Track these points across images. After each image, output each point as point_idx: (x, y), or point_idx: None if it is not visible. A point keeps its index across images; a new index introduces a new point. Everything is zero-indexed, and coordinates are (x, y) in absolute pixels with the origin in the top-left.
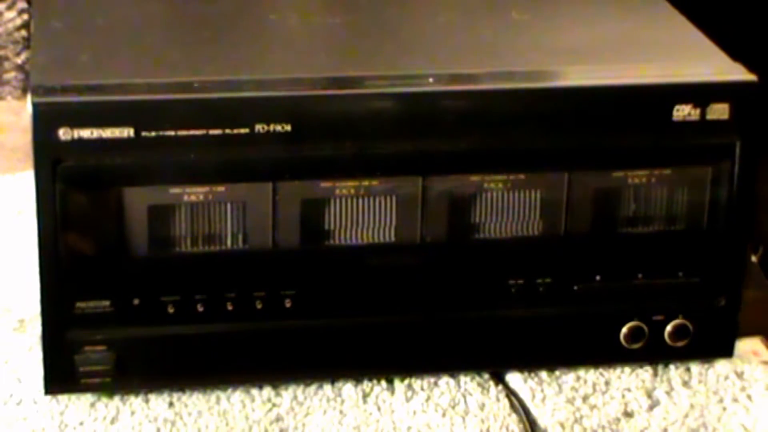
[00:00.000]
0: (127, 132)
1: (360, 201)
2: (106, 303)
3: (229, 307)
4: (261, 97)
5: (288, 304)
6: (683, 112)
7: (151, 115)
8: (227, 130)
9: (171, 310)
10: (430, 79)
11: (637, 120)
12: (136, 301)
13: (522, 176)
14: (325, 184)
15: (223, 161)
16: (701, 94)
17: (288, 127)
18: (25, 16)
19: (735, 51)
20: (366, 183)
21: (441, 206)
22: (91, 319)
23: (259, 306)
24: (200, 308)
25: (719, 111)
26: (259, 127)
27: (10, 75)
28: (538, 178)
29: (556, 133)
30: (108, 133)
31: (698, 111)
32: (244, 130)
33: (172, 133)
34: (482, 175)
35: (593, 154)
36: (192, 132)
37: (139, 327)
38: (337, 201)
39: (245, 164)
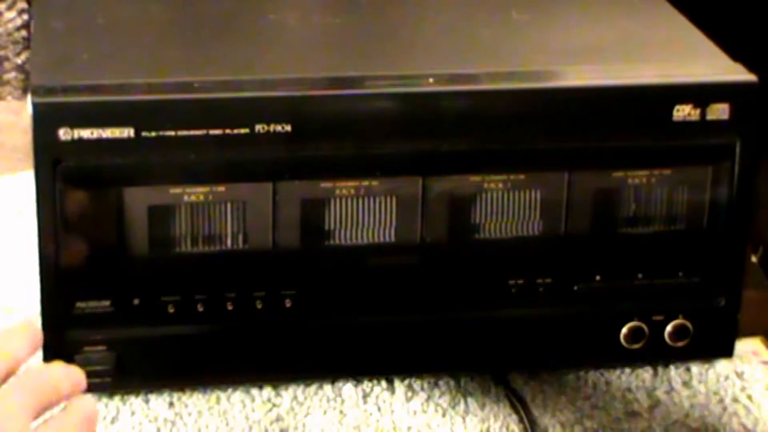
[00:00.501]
0: (127, 132)
1: (360, 201)
2: (106, 303)
3: (229, 307)
4: (261, 97)
5: (288, 304)
6: (683, 112)
7: (151, 115)
8: (227, 130)
9: (171, 310)
10: (430, 79)
11: (637, 120)
12: (136, 301)
13: (522, 176)
14: (325, 184)
15: (223, 161)
16: (701, 94)
17: (288, 127)
18: (25, 16)
19: (735, 51)
20: (366, 183)
21: (441, 206)
22: (91, 319)
23: (259, 306)
24: (200, 308)
25: (719, 111)
26: (259, 127)
27: (10, 75)
28: (538, 178)
29: (556, 133)
30: (108, 133)
31: (698, 111)
32: (244, 130)
33: (172, 133)
34: (482, 175)
35: (593, 154)
36: (192, 132)
37: (139, 327)
38: (337, 201)
39: (245, 164)
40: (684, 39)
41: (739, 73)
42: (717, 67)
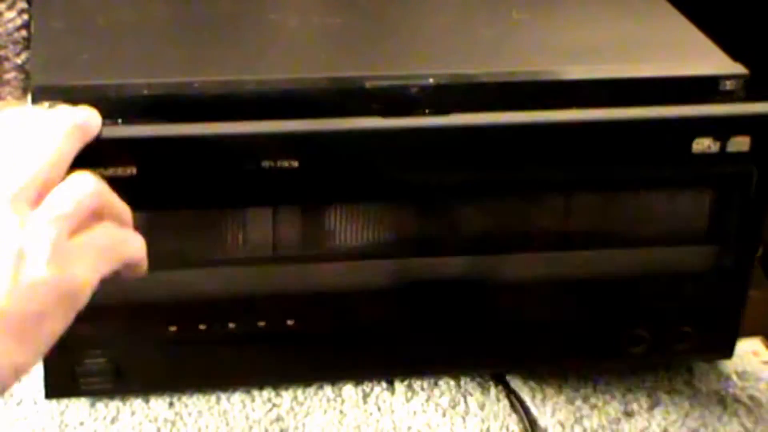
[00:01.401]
0: None
1: (362, 206)
2: (106, 307)
3: (231, 317)
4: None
5: (288, 305)
6: (703, 145)
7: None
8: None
9: (171, 317)
10: (430, 80)
11: (657, 152)
12: (136, 307)
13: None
14: (327, 187)
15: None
16: (722, 127)
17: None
18: (25, 16)
19: (735, 51)
20: (367, 186)
21: (444, 211)
22: (91, 326)
23: (259, 308)
24: (200, 315)
25: (740, 144)
26: None
27: (10, 75)
28: (542, 186)
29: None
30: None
31: (718, 144)
32: None
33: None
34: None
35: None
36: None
37: (139, 333)
38: (339, 206)
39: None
40: (684, 39)
41: (760, 107)
42: (717, 66)
